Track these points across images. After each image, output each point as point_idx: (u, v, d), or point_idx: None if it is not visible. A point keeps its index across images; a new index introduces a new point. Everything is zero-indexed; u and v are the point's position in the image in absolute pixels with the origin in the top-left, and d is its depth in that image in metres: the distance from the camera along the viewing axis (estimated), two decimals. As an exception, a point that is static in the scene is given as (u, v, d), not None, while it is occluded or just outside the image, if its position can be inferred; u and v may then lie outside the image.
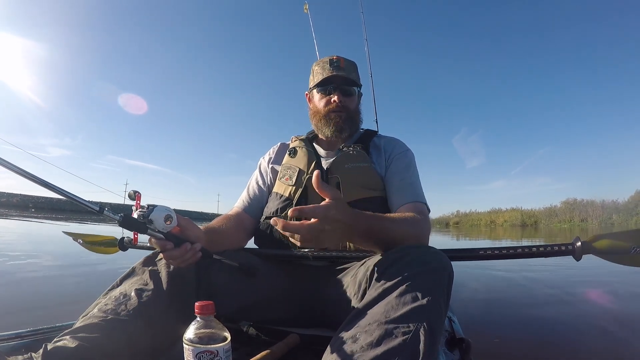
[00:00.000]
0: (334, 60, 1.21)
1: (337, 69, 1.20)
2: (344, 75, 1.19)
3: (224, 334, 0.63)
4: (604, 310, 2.36)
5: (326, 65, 1.21)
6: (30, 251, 4.79)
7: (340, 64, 1.21)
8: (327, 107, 1.20)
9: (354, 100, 1.24)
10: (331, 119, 1.19)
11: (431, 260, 0.71)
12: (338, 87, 1.20)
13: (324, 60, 1.24)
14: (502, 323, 2.09)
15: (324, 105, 1.21)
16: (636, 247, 0.85)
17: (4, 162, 0.62)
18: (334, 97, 1.19)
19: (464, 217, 64.75)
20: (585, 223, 40.88)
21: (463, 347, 1.03)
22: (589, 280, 3.32)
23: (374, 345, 0.58)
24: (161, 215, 0.75)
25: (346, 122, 1.19)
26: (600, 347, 1.66)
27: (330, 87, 1.20)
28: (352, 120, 1.22)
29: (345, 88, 1.21)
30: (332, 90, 1.20)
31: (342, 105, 1.19)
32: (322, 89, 1.21)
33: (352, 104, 1.23)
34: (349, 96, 1.22)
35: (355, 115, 1.24)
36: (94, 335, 0.70)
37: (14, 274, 3.08)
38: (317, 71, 1.23)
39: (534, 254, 0.92)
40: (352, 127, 1.22)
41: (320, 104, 1.22)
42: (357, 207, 1.05)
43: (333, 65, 1.20)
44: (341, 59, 1.22)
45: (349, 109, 1.21)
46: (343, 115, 1.19)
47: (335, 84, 1.20)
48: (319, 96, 1.23)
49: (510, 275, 3.71)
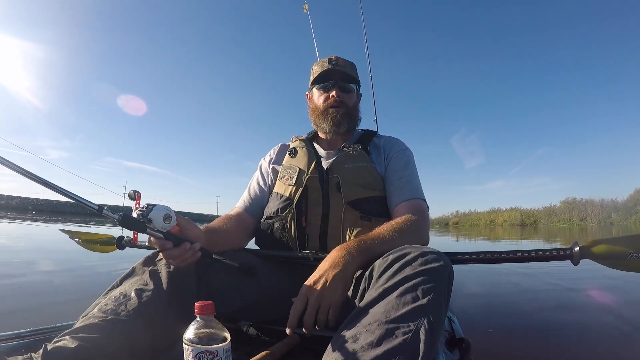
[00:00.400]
0: (332, 59, 1.23)
1: (335, 66, 1.21)
2: (341, 70, 1.21)
3: (223, 334, 0.63)
4: (604, 310, 2.36)
5: (325, 63, 1.23)
6: (30, 252, 4.79)
7: (339, 63, 1.22)
8: (326, 102, 1.21)
9: (352, 97, 1.25)
10: (329, 114, 1.19)
11: (431, 260, 0.71)
12: (336, 83, 1.21)
13: (322, 60, 1.26)
14: (502, 323, 2.09)
15: (322, 101, 1.22)
16: (633, 253, 0.86)
17: (5, 161, 0.62)
18: (332, 92, 1.20)
19: (463, 217, 64.77)
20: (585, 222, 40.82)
21: (463, 347, 1.03)
22: (589, 280, 3.32)
23: (375, 345, 0.58)
24: (160, 214, 0.75)
25: (344, 117, 1.20)
26: (600, 347, 1.66)
27: (329, 83, 1.21)
28: (351, 117, 1.23)
29: (343, 84, 1.22)
30: (330, 86, 1.21)
31: (340, 101, 1.20)
32: (321, 86, 1.22)
33: (351, 101, 1.24)
34: (347, 92, 1.23)
35: (354, 112, 1.25)
36: (94, 335, 0.70)
37: (13, 274, 3.08)
38: (316, 70, 1.25)
39: (533, 259, 0.93)
40: (350, 124, 1.22)
41: (319, 101, 1.23)
42: (357, 206, 1.06)
43: (331, 63, 1.22)
44: (340, 59, 1.24)
45: (348, 105, 1.22)
46: (341, 111, 1.20)
47: (333, 80, 1.21)
48: (318, 93, 1.24)
49: (510, 275, 3.70)
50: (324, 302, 0.76)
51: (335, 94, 1.19)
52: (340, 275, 0.79)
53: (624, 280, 3.06)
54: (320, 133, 1.27)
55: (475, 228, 39.91)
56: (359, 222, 1.06)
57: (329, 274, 0.79)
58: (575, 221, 43.24)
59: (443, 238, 13.01)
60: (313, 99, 1.26)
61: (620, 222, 34.78)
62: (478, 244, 9.67)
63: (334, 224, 1.06)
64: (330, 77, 1.21)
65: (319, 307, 0.76)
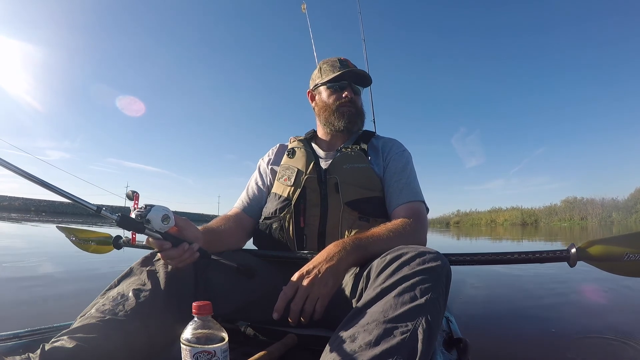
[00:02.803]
0: (342, 60, 1.25)
1: (347, 67, 1.23)
2: (356, 72, 1.23)
3: (221, 334, 0.63)
4: (603, 310, 2.36)
5: (336, 63, 1.25)
6: (30, 252, 4.77)
7: (348, 64, 1.25)
8: (339, 101, 1.22)
9: (360, 99, 1.28)
10: (344, 112, 1.21)
11: (429, 260, 0.71)
12: (349, 84, 1.23)
13: (332, 59, 1.28)
14: (499, 323, 2.10)
15: (334, 100, 1.23)
16: (629, 254, 0.86)
17: (4, 162, 0.62)
18: (345, 92, 1.22)
19: (464, 216, 64.53)
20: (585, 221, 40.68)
21: (460, 347, 1.04)
22: (588, 280, 3.33)
23: (373, 345, 0.58)
24: (159, 215, 0.75)
25: (357, 117, 1.23)
26: (599, 347, 1.66)
27: (343, 83, 1.23)
28: (360, 117, 1.26)
29: (355, 87, 1.25)
30: (344, 86, 1.23)
31: (353, 101, 1.22)
32: (333, 85, 1.24)
33: (360, 102, 1.27)
34: (357, 95, 1.26)
35: (362, 114, 1.27)
36: (92, 335, 0.70)
37: (12, 274, 3.07)
38: (327, 69, 1.26)
39: (529, 260, 0.94)
40: (359, 123, 1.26)
41: (330, 99, 1.24)
42: (355, 207, 1.07)
43: (342, 65, 1.24)
44: (348, 61, 1.27)
45: (357, 106, 1.25)
46: (353, 110, 1.22)
47: (347, 81, 1.23)
48: (329, 92, 1.24)
49: (508, 275, 3.71)
50: (313, 293, 0.78)
51: (348, 94, 1.21)
52: (333, 269, 0.80)
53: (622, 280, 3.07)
54: (327, 131, 1.28)
55: (476, 227, 39.80)
56: (357, 222, 1.06)
57: (322, 267, 0.80)
58: (575, 220, 43.13)
59: (444, 238, 13.00)
60: (322, 97, 1.27)
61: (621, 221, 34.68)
62: (478, 244, 9.66)
63: (332, 225, 1.07)
64: (344, 77, 1.23)
65: (307, 297, 0.78)
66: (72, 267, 3.61)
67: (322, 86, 1.26)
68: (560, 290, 3.02)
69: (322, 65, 1.29)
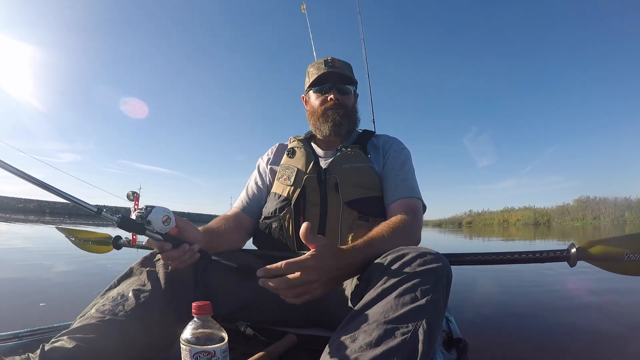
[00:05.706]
0: (328, 61, 1.23)
1: (331, 67, 1.21)
2: (339, 72, 1.20)
3: (221, 334, 0.63)
4: (602, 310, 2.36)
5: (321, 65, 1.22)
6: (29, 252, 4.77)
7: (335, 64, 1.22)
8: (324, 105, 1.20)
9: (350, 98, 1.25)
10: (329, 116, 1.19)
11: (430, 261, 0.71)
12: (334, 85, 1.21)
13: (318, 61, 1.25)
14: (499, 323, 2.10)
15: (320, 104, 1.21)
16: (629, 254, 0.86)
17: (2, 163, 0.62)
18: (330, 95, 1.20)
19: (476, 216, 63.50)
20: (598, 221, 40.18)
21: (460, 347, 1.04)
22: (588, 280, 3.33)
23: (373, 346, 0.58)
24: (159, 216, 0.75)
25: (344, 119, 1.20)
26: (598, 347, 1.67)
27: (326, 86, 1.21)
28: (350, 118, 1.23)
29: (341, 86, 1.22)
30: (328, 89, 1.21)
31: (338, 103, 1.20)
32: (318, 89, 1.22)
33: (349, 102, 1.24)
34: (345, 94, 1.23)
35: (353, 114, 1.25)
36: (91, 335, 0.70)
37: (12, 274, 3.07)
38: (313, 72, 1.24)
39: (530, 260, 0.94)
40: (349, 125, 1.23)
41: (316, 103, 1.23)
42: (355, 206, 1.06)
43: (327, 65, 1.21)
44: (335, 60, 1.24)
45: (346, 106, 1.22)
46: (340, 112, 1.20)
47: (331, 83, 1.21)
48: (315, 96, 1.23)
49: (507, 276, 3.71)
50: (304, 289, 0.73)
51: (333, 97, 1.19)
52: (331, 284, 0.77)
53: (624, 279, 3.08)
54: (319, 135, 1.26)
55: (489, 227, 39.38)
56: (356, 222, 1.06)
57: (327, 275, 0.75)
58: (588, 220, 42.57)
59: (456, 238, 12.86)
60: (310, 102, 1.26)
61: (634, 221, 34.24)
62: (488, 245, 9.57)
63: (332, 224, 1.06)
64: (328, 79, 1.21)
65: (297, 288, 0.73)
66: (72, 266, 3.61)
67: (310, 90, 1.25)
68: (559, 291, 3.02)
69: (309, 68, 1.27)
